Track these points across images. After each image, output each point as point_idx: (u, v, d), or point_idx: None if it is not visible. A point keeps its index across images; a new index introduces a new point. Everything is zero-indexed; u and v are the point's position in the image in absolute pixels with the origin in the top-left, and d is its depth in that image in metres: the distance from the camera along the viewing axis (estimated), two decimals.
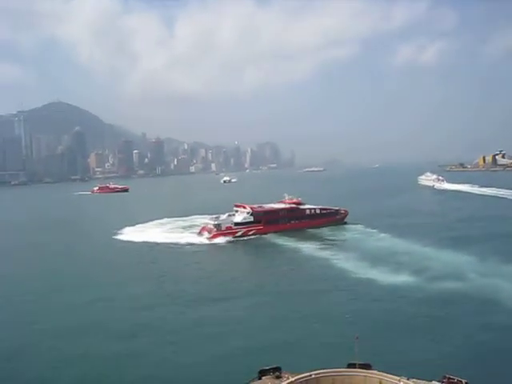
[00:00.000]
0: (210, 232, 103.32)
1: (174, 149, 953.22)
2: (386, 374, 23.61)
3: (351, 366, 24.88)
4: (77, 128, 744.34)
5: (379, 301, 53.81)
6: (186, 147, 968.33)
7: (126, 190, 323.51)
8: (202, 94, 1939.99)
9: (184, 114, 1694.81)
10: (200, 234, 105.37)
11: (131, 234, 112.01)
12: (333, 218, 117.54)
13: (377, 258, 73.31)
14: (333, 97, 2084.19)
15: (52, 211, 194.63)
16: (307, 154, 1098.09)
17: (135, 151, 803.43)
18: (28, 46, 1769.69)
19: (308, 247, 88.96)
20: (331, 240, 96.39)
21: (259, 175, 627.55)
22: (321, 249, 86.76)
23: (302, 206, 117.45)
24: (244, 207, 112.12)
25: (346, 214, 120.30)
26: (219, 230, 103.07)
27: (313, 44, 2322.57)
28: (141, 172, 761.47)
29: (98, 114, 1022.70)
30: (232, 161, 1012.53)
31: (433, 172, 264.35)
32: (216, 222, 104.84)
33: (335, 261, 74.87)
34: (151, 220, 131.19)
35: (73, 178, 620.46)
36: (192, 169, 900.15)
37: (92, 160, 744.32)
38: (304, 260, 79.54)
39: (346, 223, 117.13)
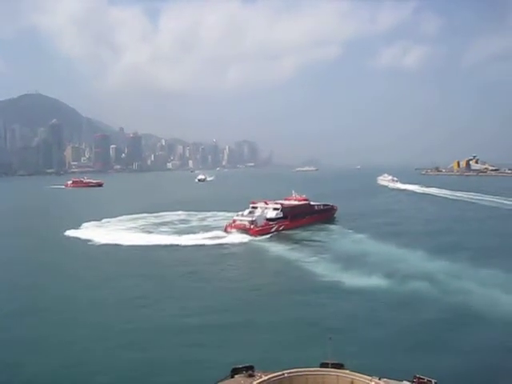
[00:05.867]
0: (244, 229, 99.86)
1: (152, 144, 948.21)
2: (357, 374, 23.73)
3: (324, 365, 24.92)
4: (53, 120, 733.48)
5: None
6: (163, 143, 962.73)
7: (100, 185, 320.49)
8: (183, 90, 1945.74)
9: (163, 110, 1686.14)
10: (227, 231, 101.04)
11: (89, 229, 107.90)
12: (330, 213, 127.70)
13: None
14: (314, 97, 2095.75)
15: (15, 203, 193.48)
16: (285, 153, 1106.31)
17: (112, 146, 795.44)
18: (7, 35, 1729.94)
19: None
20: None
21: (238, 174, 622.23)
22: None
23: (312, 203, 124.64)
24: (266, 203, 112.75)
25: (336, 209, 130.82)
26: (256, 227, 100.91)
27: (297, 44, 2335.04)
28: (117, 167, 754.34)
29: (76, 107, 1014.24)
30: (210, 158, 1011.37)
31: (392, 174, 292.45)
32: (252, 219, 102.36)
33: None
34: (119, 215, 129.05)
35: (48, 171, 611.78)
36: (169, 165, 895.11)
37: (68, 153, 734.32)
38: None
39: (335, 218, 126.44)
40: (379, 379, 23.26)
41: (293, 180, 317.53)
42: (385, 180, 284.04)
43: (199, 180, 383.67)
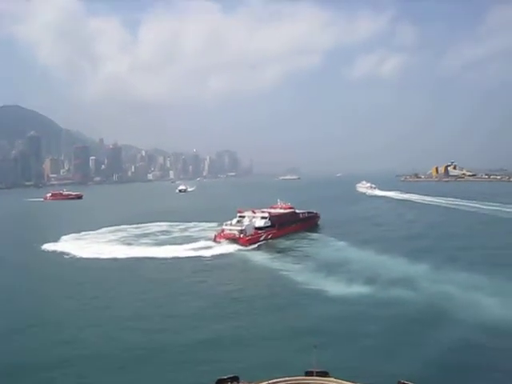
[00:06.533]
0: (234, 238, 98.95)
1: (132, 155, 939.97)
2: (342, 381, 23.82)
3: (309, 373, 24.95)
4: (31, 132, 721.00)
5: None
6: (143, 154, 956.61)
7: (79, 197, 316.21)
8: (164, 101, 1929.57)
9: (143, 121, 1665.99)
10: (216, 241, 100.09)
11: (68, 243, 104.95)
12: (314, 221, 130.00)
13: None
14: (297, 106, 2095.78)
15: None
16: (266, 162, 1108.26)
17: (92, 157, 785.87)
18: None
19: None
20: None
21: (219, 184, 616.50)
22: None
23: (297, 211, 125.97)
24: (253, 211, 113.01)
25: (319, 217, 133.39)
26: (245, 236, 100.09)
27: (277, 53, 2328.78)
28: (97, 179, 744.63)
29: (55, 119, 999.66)
30: (190, 168, 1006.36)
31: (370, 181, 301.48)
32: (242, 228, 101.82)
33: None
34: (99, 227, 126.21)
35: (26, 183, 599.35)
36: (150, 176, 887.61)
37: (47, 166, 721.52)
38: None
39: (318, 225, 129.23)
40: None
41: (275, 188, 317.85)
42: (363, 187, 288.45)
43: (180, 191, 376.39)
